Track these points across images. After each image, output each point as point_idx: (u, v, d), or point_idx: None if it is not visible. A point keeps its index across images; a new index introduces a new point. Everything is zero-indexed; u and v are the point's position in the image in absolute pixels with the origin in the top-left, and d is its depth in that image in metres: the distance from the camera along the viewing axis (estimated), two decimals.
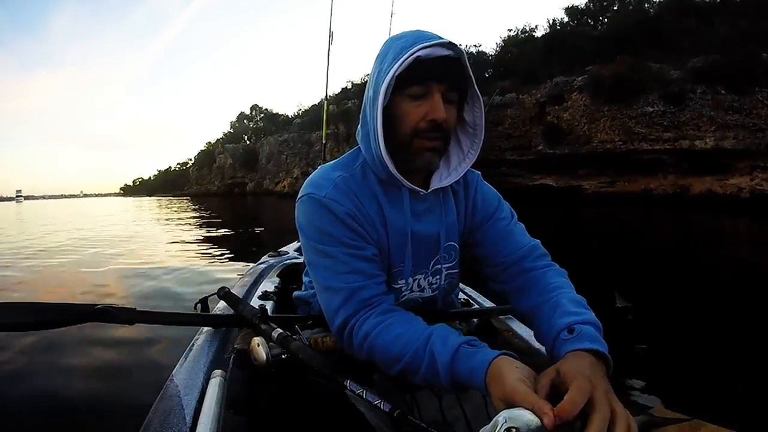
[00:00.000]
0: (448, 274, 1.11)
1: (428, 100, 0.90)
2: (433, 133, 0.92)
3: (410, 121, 0.91)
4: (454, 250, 1.10)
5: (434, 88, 0.89)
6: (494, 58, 36.20)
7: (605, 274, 5.56)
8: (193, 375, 1.00)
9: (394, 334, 0.86)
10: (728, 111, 20.90)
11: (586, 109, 24.68)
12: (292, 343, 0.96)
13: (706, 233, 11.23)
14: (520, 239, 1.08)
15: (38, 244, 9.42)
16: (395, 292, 1.04)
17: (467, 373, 0.75)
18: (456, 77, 0.92)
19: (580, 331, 0.79)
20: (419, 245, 1.03)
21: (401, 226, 1.00)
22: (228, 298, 1.29)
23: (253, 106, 79.17)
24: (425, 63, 0.88)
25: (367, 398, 0.79)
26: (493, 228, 1.09)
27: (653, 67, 22.78)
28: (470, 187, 1.12)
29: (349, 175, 0.99)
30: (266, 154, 51.59)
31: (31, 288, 5.09)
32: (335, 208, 0.93)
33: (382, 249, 1.00)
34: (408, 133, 0.92)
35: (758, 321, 3.59)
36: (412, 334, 0.84)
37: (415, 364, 0.82)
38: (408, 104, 0.91)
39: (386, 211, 0.99)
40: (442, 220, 1.05)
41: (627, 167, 23.76)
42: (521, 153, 27.50)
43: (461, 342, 0.79)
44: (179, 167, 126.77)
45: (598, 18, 34.75)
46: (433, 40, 0.88)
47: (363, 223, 0.96)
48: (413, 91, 0.90)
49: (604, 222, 14.53)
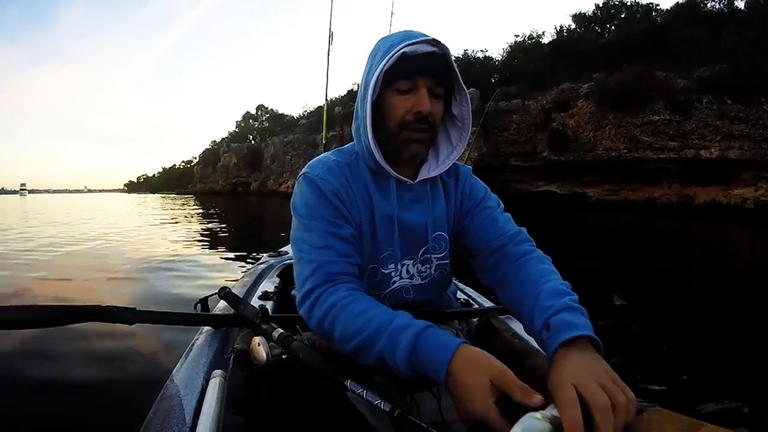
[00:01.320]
0: (438, 265, 1.13)
1: (415, 94, 0.96)
2: (419, 125, 0.97)
3: (398, 113, 0.97)
4: (444, 240, 1.12)
5: (420, 82, 0.95)
6: (501, 63, 36.24)
7: (605, 279, 5.57)
8: (193, 375, 1.00)
9: (360, 308, 0.87)
10: (734, 121, 20.88)
11: (592, 117, 24.67)
12: (293, 343, 0.96)
13: (709, 243, 11.20)
14: (503, 226, 1.10)
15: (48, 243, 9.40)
16: (384, 278, 1.08)
17: (432, 351, 0.76)
18: (441, 72, 0.97)
19: (554, 324, 0.80)
20: (407, 232, 1.06)
21: (388, 213, 1.04)
22: (228, 298, 1.29)
23: (259, 106, 79.13)
24: (411, 59, 0.94)
25: (367, 398, 0.78)
26: (479, 215, 1.12)
27: (660, 76, 22.75)
28: (460, 179, 1.16)
29: (343, 161, 1.06)
30: (271, 154, 51.59)
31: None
32: (323, 186, 0.99)
33: (367, 233, 1.04)
34: (396, 125, 0.98)
35: (758, 326, 3.61)
36: (378, 311, 0.86)
37: (375, 337, 0.82)
38: (395, 98, 0.97)
39: (374, 198, 1.04)
40: (430, 209, 1.09)
41: (632, 175, 23.76)
42: (526, 159, 27.49)
43: (429, 324, 0.80)
44: (184, 165, 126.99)
45: (606, 25, 34.77)
46: (416, 38, 0.94)
47: (348, 204, 1.01)
48: (400, 86, 0.96)
49: (607, 229, 14.49)
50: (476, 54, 37.56)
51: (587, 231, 14.06)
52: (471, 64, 36.47)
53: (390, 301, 1.05)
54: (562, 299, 0.85)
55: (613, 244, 10.60)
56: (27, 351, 2.75)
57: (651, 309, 4.03)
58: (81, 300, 4.08)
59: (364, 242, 1.04)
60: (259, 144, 57.77)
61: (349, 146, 1.11)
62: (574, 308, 0.82)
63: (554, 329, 0.78)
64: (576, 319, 0.79)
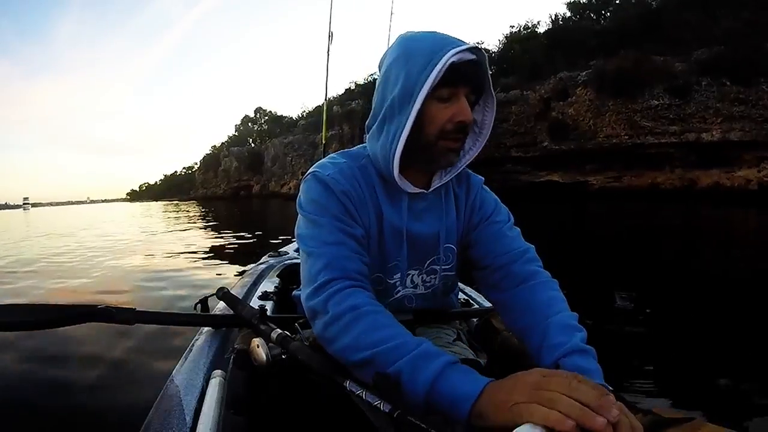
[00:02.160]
0: (443, 276, 1.12)
1: (455, 102, 0.91)
2: (458, 134, 0.94)
3: (438, 122, 0.92)
4: (452, 253, 1.10)
5: (461, 91, 0.91)
6: (497, 55, 36.12)
7: (609, 270, 5.54)
8: (193, 375, 1.01)
9: (385, 321, 0.82)
10: (734, 103, 20.84)
11: (591, 104, 24.64)
12: (291, 343, 0.96)
13: (714, 227, 11.15)
14: (511, 242, 1.07)
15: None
16: (389, 288, 1.06)
17: (459, 383, 0.69)
18: (480, 80, 0.94)
19: (565, 367, 0.79)
20: (416, 244, 1.04)
21: (397, 224, 1.01)
22: (228, 299, 1.29)
23: (257, 109, 79.36)
24: (457, 67, 0.89)
25: (367, 399, 0.77)
26: (488, 229, 1.10)
27: (657, 60, 22.69)
28: (471, 191, 1.13)
29: (355, 164, 1.02)
30: (271, 156, 51.77)
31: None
32: (333, 185, 0.95)
33: (374, 241, 1.01)
34: (434, 134, 0.93)
35: (762, 319, 3.57)
36: (403, 330, 0.80)
37: (396, 354, 0.75)
38: (436, 106, 0.92)
39: (384, 207, 1.01)
40: (443, 219, 1.07)
41: (633, 161, 23.70)
42: (527, 149, 27.47)
43: (457, 359, 0.74)
44: (185, 171, 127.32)
45: (601, 12, 34.70)
46: (460, 45, 0.89)
47: (357, 205, 0.98)
48: (441, 94, 0.91)
49: (612, 216, 14.46)
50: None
51: (590, 220, 14.03)
52: None
53: (391, 309, 1.01)
54: (573, 339, 0.83)
55: (616, 233, 10.54)
56: (27, 351, 2.76)
57: (654, 304, 3.97)
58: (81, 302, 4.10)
59: (371, 249, 1.00)
60: (259, 147, 57.85)
61: (358, 149, 1.07)
62: (586, 351, 0.82)
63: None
64: (588, 364, 0.79)
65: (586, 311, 0.89)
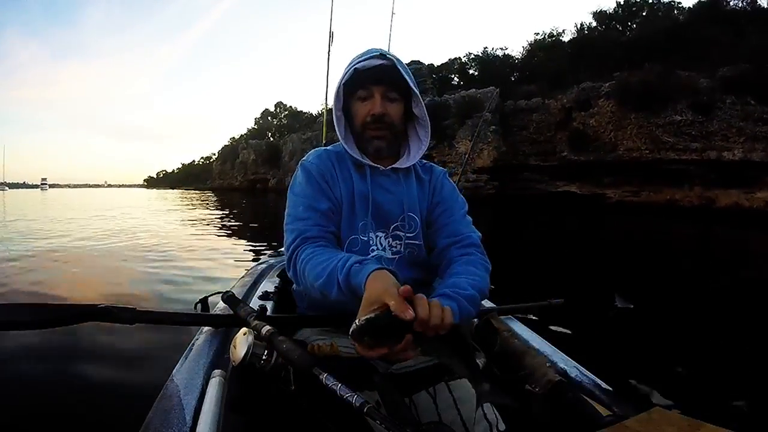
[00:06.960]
0: (408, 244, 1.27)
1: (370, 100, 1.20)
2: (376, 125, 1.21)
3: (359, 117, 1.23)
4: (414, 222, 1.28)
5: (374, 90, 1.19)
6: (521, 61, 35.88)
7: (615, 277, 5.51)
8: (193, 375, 1.03)
9: (323, 258, 1.04)
10: (758, 122, 20.38)
11: (613, 116, 24.25)
12: (277, 338, 0.98)
13: (730, 247, 10.98)
14: (458, 227, 1.27)
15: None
16: (364, 246, 1.24)
17: (356, 276, 0.92)
18: (390, 79, 1.19)
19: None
20: (380, 209, 1.25)
21: (363, 191, 1.24)
22: (227, 298, 1.31)
23: (278, 103, 79.22)
24: (363, 72, 1.18)
25: (340, 392, 0.81)
26: (442, 214, 1.30)
27: (682, 75, 22.30)
28: (434, 176, 1.37)
29: (333, 151, 1.29)
30: (289, 151, 51.63)
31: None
32: (311, 168, 1.24)
33: (347, 206, 1.23)
34: (359, 126, 1.24)
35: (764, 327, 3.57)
36: (340, 255, 1.03)
37: (333, 274, 0.97)
38: (357, 104, 1.23)
39: (354, 180, 1.24)
40: (402, 192, 1.27)
41: (653, 176, 23.29)
42: (545, 158, 27.14)
43: (368, 259, 0.98)
44: (203, 161, 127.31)
45: (627, 24, 34.25)
46: (367, 55, 1.19)
47: (331, 183, 1.23)
48: (359, 95, 1.22)
49: (626, 230, 14.28)
50: (496, 52, 37.32)
51: (604, 233, 13.86)
52: (490, 62, 36.23)
53: None
54: (455, 288, 1.04)
55: (631, 249, 10.41)
56: (27, 350, 2.77)
57: (655, 310, 3.98)
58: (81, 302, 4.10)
59: (344, 213, 1.23)
60: (278, 141, 57.87)
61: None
62: (450, 296, 1.00)
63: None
64: (456, 300, 1.00)
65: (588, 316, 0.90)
